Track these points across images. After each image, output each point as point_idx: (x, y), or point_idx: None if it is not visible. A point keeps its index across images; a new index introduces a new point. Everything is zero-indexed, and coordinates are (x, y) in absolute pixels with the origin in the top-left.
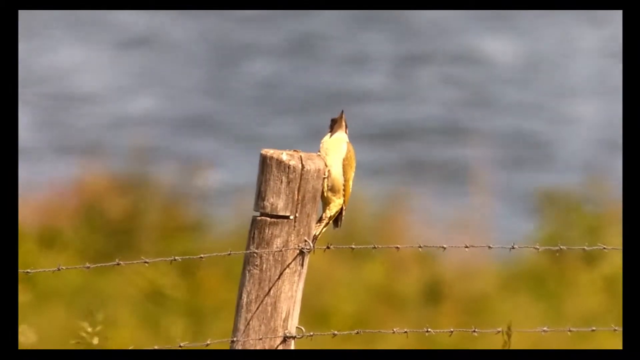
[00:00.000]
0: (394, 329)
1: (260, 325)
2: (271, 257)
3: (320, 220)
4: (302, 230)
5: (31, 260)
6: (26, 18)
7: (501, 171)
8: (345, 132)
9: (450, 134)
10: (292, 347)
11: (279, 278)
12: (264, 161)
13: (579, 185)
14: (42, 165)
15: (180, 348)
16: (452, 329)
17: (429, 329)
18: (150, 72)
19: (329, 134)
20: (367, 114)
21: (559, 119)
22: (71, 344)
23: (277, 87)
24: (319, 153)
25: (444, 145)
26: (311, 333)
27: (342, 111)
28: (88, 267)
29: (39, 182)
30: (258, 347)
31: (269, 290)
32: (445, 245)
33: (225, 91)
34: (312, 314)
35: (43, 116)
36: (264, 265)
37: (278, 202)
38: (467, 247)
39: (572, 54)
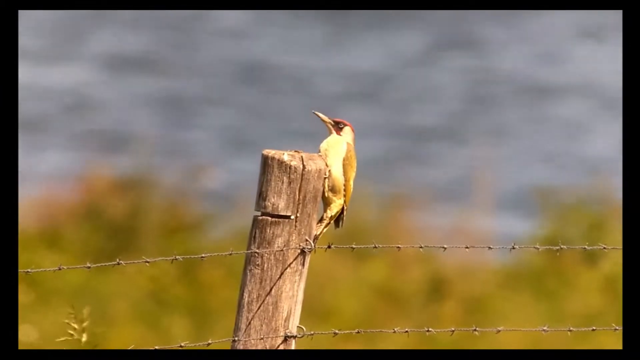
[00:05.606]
0: (395, 329)
1: (261, 325)
2: (272, 257)
3: (321, 220)
4: (303, 230)
5: (32, 259)
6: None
7: (502, 170)
8: (338, 134)
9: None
10: (293, 347)
11: (280, 277)
12: (266, 161)
13: (579, 185)
14: (43, 164)
15: (181, 348)
16: (453, 328)
17: (430, 329)
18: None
19: (330, 134)
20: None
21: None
22: (58, 342)
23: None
24: (319, 153)
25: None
26: (312, 332)
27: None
28: (89, 267)
29: (41, 181)
30: (259, 347)
31: (270, 290)
32: (446, 245)
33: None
34: (314, 313)
35: (44, 115)
36: (265, 265)
37: (279, 202)
38: (467, 247)
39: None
